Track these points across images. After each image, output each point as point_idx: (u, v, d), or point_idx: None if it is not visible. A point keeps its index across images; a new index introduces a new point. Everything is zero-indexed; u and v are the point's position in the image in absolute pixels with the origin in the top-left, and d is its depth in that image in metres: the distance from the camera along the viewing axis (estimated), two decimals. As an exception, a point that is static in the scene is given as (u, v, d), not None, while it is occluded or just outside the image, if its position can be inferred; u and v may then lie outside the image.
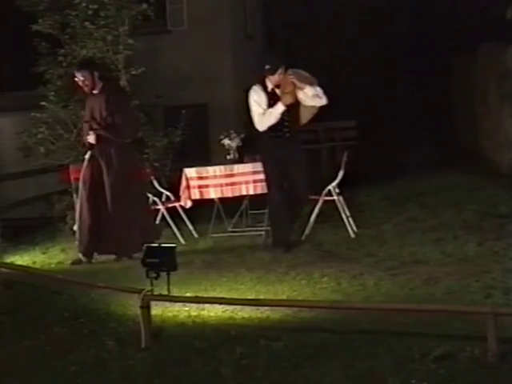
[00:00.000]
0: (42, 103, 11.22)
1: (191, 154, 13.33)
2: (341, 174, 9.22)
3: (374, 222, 9.68)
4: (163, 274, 5.78)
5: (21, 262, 9.10)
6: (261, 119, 8.45)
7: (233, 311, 6.15)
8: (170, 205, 9.79)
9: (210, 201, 9.71)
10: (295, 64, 9.01)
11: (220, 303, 6.26)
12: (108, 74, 10.30)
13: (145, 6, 11.47)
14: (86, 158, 8.79)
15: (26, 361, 5.54)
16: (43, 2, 11.18)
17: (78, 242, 8.82)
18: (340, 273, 7.23)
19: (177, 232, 9.58)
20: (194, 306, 6.27)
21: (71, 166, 9.82)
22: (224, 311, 6.18)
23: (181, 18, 16.21)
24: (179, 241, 9.31)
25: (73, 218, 9.46)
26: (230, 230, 9.86)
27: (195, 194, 9.41)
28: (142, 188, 9.22)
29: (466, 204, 10.21)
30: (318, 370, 4.80)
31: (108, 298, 6.75)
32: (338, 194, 9.26)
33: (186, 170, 9.46)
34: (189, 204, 9.48)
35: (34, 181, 12.55)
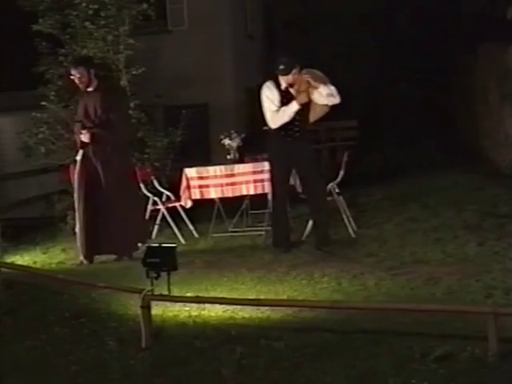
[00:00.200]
0: (43, 103, 11.22)
1: (191, 154, 13.31)
2: (341, 173, 9.23)
3: (375, 222, 9.68)
4: (164, 274, 5.78)
5: (21, 262, 9.11)
6: (274, 117, 8.34)
7: (233, 311, 6.14)
8: (171, 205, 9.79)
9: (211, 201, 9.72)
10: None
11: (221, 303, 6.26)
12: (106, 73, 10.30)
13: (145, 5, 11.49)
14: (78, 159, 8.72)
15: (26, 360, 5.53)
16: (44, 1, 11.19)
17: (79, 244, 8.79)
18: (341, 273, 7.23)
19: (177, 232, 9.59)
20: (195, 305, 6.27)
21: (72, 166, 9.81)
22: (225, 311, 6.17)
23: (181, 17, 16.22)
24: (180, 241, 9.32)
25: (73, 217, 9.46)
26: (231, 229, 9.87)
27: (196, 194, 9.41)
28: (137, 187, 9.20)
29: (467, 204, 10.21)
30: (318, 369, 4.79)
31: (109, 298, 6.75)
32: (339, 194, 9.27)
33: (187, 170, 9.46)
34: (189, 204, 9.48)
35: (34, 181, 12.57)
